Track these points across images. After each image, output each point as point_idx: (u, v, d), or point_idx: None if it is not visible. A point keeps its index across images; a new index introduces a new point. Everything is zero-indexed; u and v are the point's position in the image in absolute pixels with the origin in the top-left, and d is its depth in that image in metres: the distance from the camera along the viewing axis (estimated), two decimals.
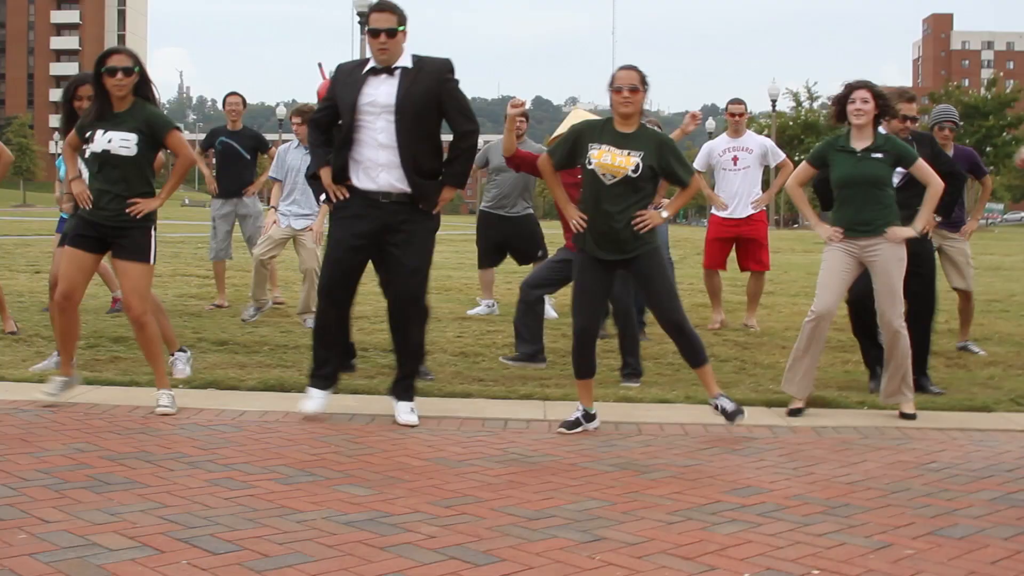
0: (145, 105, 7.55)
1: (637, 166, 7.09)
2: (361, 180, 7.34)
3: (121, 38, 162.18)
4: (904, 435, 7.25)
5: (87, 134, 7.46)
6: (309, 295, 11.14)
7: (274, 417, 7.25)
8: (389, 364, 9.08)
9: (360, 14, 36.40)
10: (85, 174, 7.73)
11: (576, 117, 7.94)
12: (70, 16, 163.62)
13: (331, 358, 7.58)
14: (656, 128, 7.75)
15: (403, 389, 7.48)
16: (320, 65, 9.54)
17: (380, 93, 7.27)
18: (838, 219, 7.93)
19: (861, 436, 7.20)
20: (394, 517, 5.11)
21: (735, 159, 11.58)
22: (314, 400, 7.38)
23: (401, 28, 7.31)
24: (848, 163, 7.81)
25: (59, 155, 9.50)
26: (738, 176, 11.88)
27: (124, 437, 6.59)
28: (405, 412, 7.32)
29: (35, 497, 5.28)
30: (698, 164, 12.07)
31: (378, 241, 7.38)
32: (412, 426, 7.17)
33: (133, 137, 7.39)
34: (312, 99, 10.21)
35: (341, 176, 7.37)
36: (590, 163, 7.15)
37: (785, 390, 7.98)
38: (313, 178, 7.66)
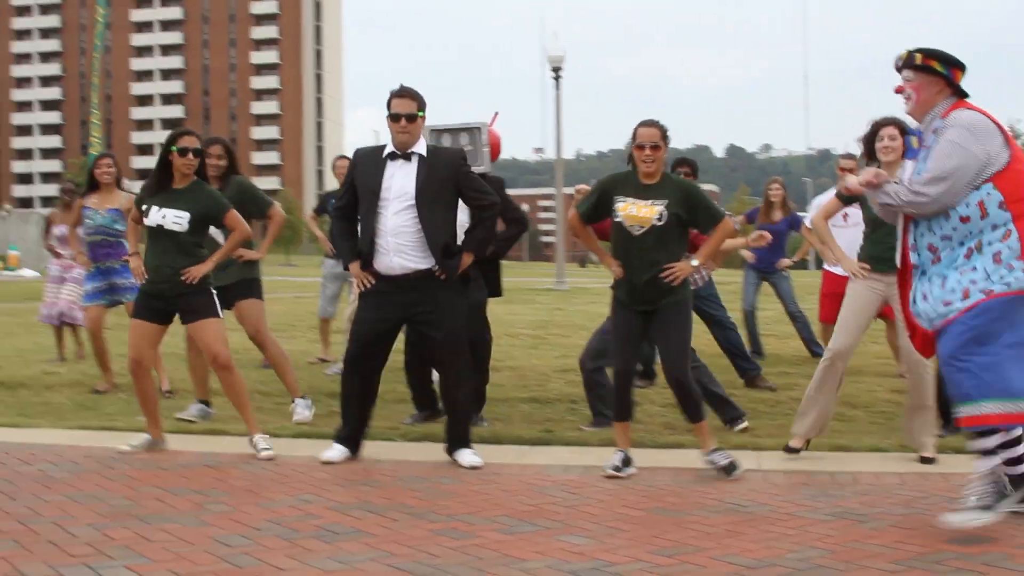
0: (204, 186, 8.07)
1: (661, 215, 7.18)
2: (382, 263, 7.61)
3: (319, 101, 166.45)
4: None
5: (143, 208, 7.95)
6: None
7: (491, 470, 7.37)
8: (578, 415, 9.17)
9: (554, 68, 36.69)
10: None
11: None
12: (269, 82, 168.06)
13: (356, 424, 7.87)
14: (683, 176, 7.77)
15: (457, 437, 7.75)
16: (496, 114, 9.73)
17: (398, 179, 7.59)
18: (866, 255, 7.89)
19: None
20: (617, 566, 5.17)
21: (845, 216, 11.39)
22: (334, 451, 7.76)
23: (420, 114, 7.65)
24: None
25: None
26: (848, 232, 11.67)
27: (347, 488, 6.78)
28: (467, 456, 7.62)
29: (268, 546, 5.48)
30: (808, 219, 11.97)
31: (405, 317, 7.77)
32: (477, 467, 7.47)
33: (186, 215, 7.85)
34: (505, 155, 10.43)
35: (367, 260, 7.66)
36: (616, 215, 7.27)
37: (793, 429, 7.84)
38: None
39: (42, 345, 15.56)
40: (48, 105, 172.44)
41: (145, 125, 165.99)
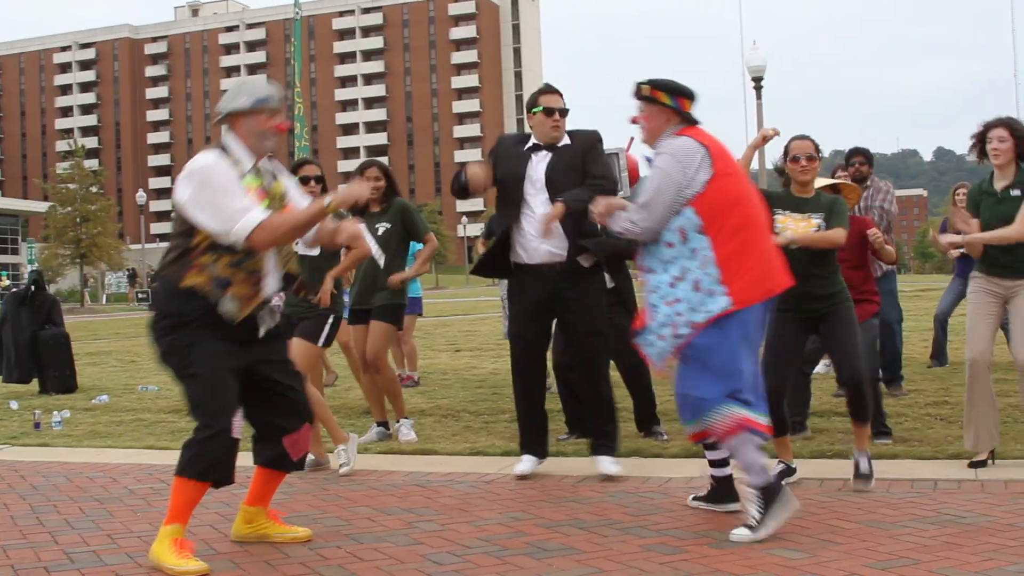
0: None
1: (819, 227, 7.11)
2: (527, 251, 7.63)
3: (520, 123, 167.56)
4: None
5: None
6: None
7: (700, 484, 7.30)
8: (813, 427, 9.02)
9: (755, 79, 36.33)
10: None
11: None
12: (471, 105, 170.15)
13: (533, 429, 7.91)
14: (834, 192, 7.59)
15: (600, 445, 7.73)
16: (632, 139, 9.56)
17: (540, 170, 7.63)
18: (984, 258, 7.63)
19: None
20: None
21: None
22: (524, 464, 7.83)
23: (567, 109, 7.75)
24: (988, 204, 7.57)
25: (467, 237, 10.13)
26: None
27: (556, 505, 6.78)
28: (606, 464, 7.61)
29: (478, 564, 5.51)
30: None
31: (550, 308, 7.70)
32: (613, 477, 7.49)
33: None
34: None
35: (509, 249, 7.72)
36: (776, 229, 7.13)
37: (967, 447, 7.58)
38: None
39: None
40: None
41: (351, 153, 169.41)
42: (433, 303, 49.89)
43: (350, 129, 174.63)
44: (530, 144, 7.76)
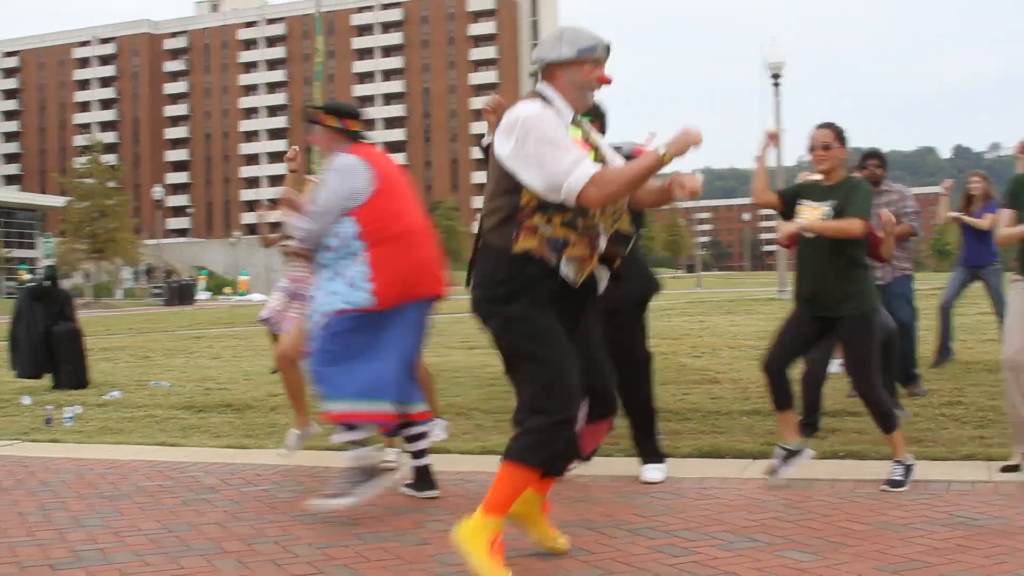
0: None
1: (825, 216, 7.11)
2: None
3: None
4: None
5: None
6: None
7: (711, 484, 7.27)
8: (826, 427, 8.98)
9: (774, 75, 36.26)
10: None
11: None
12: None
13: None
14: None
15: (645, 451, 7.62)
16: (652, 134, 9.46)
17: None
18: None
19: None
20: None
21: None
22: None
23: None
24: None
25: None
26: None
27: (567, 505, 6.73)
28: (649, 471, 7.50)
29: None
30: None
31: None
32: (655, 483, 7.37)
33: None
34: (725, 164, 10.28)
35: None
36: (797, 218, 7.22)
37: (1016, 449, 7.42)
38: None
39: (269, 367, 15.97)
40: (275, 134, 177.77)
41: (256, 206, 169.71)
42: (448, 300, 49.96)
43: (368, 125, 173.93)
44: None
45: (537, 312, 5.16)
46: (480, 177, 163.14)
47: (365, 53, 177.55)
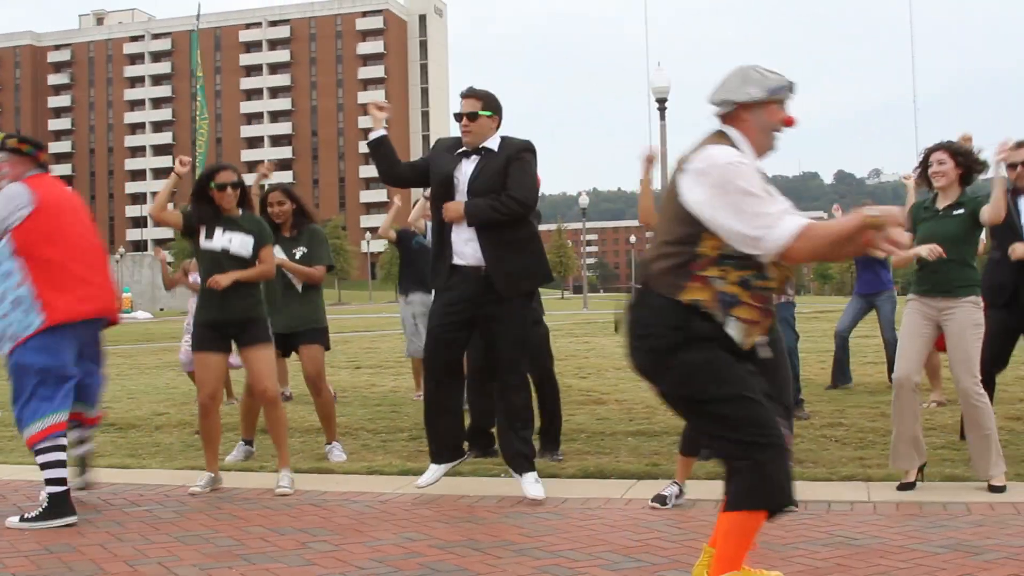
0: (254, 215, 8.28)
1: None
2: (456, 255, 7.65)
3: (425, 138, 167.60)
4: None
5: (203, 228, 8.07)
6: None
7: (596, 504, 7.31)
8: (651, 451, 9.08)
9: (659, 100, 36.52)
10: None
11: None
12: None
13: (443, 439, 7.88)
14: None
15: (521, 453, 7.66)
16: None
17: (462, 172, 7.66)
18: (919, 279, 7.78)
19: None
20: None
21: None
22: (428, 473, 7.81)
23: (487, 113, 7.66)
24: (927, 223, 7.72)
25: (371, 253, 10.11)
26: None
27: (451, 526, 6.75)
28: (530, 484, 7.55)
29: None
30: None
31: (474, 314, 7.65)
32: (539, 500, 7.39)
33: (251, 240, 8.06)
34: (612, 186, 10.35)
35: (444, 252, 7.71)
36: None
37: (893, 466, 7.69)
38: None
39: (153, 386, 15.82)
40: (160, 150, 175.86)
41: (255, 167, 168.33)
42: (335, 319, 49.71)
43: (255, 142, 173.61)
44: (461, 149, 7.75)
45: (714, 355, 4.75)
46: (369, 196, 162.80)
47: (253, 70, 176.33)
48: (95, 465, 8.10)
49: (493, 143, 7.67)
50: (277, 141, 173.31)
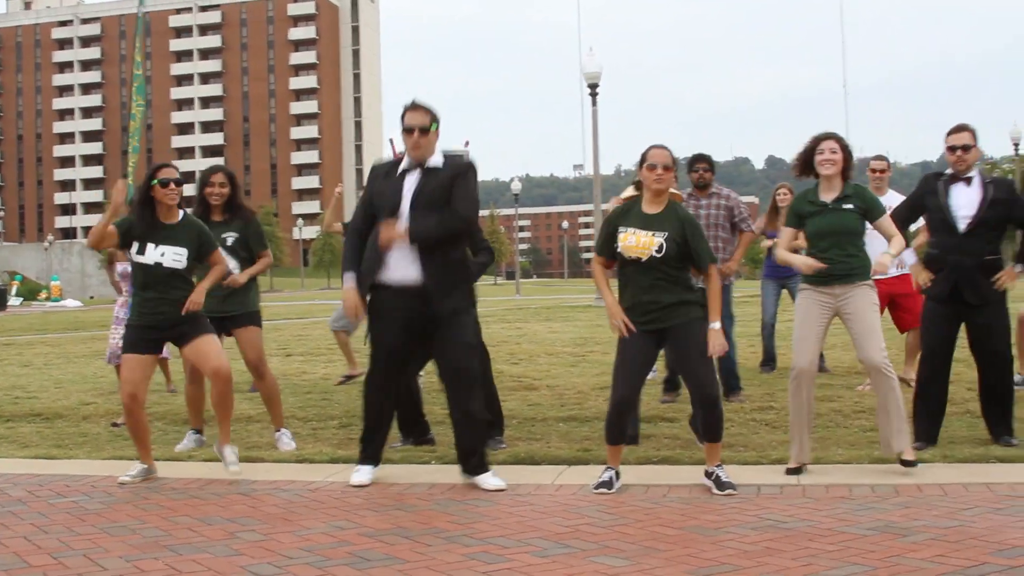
0: (193, 220, 8.19)
1: (661, 246, 7.21)
2: (395, 274, 7.53)
3: (357, 124, 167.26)
4: None
5: (136, 244, 7.96)
6: None
7: (526, 490, 7.29)
8: (642, 433, 9.10)
9: (591, 85, 36.58)
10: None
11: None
12: (308, 107, 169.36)
13: (379, 443, 7.86)
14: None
15: (477, 458, 7.63)
16: (391, 141, 9.59)
17: (408, 191, 7.53)
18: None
19: None
20: None
21: None
22: (361, 473, 7.68)
23: (434, 127, 7.55)
24: (820, 215, 7.74)
25: (303, 240, 10.10)
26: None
27: (381, 513, 6.71)
28: (488, 479, 7.51)
29: (298, 574, 5.41)
30: None
31: (419, 330, 7.60)
32: (501, 490, 7.35)
33: (184, 252, 7.96)
34: (545, 172, 10.37)
35: (377, 270, 7.58)
36: (618, 245, 7.30)
37: (792, 458, 7.74)
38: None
39: (81, 375, 15.65)
40: (89, 136, 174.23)
41: (186, 153, 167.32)
42: (267, 307, 49.41)
43: (185, 128, 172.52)
44: (403, 166, 7.63)
45: None
46: (301, 183, 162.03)
47: (183, 55, 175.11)
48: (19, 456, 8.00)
49: (436, 160, 7.58)
50: (208, 127, 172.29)
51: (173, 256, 7.90)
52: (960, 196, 8.41)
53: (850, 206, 7.71)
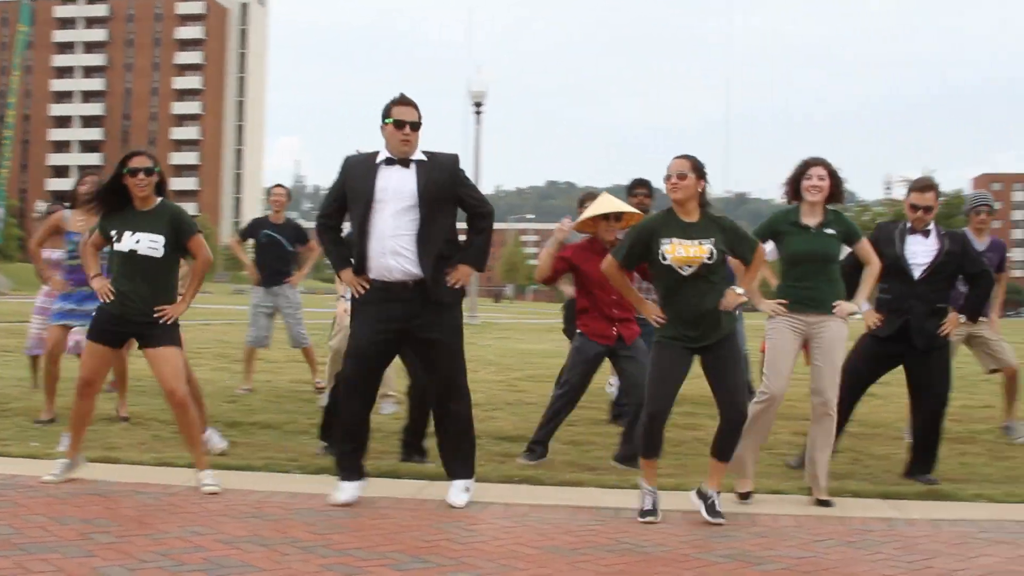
0: (169, 205, 7.92)
1: (712, 253, 7.16)
2: (378, 268, 7.39)
3: (239, 128, 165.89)
4: None
5: (113, 233, 7.76)
6: None
7: (386, 503, 7.28)
8: (502, 452, 9.15)
9: (476, 103, 36.66)
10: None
11: (602, 200, 8.25)
12: (191, 108, 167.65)
13: (359, 452, 7.64)
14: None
15: (461, 461, 7.60)
16: (358, 152, 9.56)
17: (394, 181, 7.39)
18: (787, 294, 7.86)
19: (979, 530, 7.04)
20: None
21: None
22: (345, 491, 7.41)
23: (421, 123, 7.50)
24: (802, 239, 7.82)
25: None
26: None
27: (239, 521, 6.65)
28: (458, 491, 7.43)
29: None
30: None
31: (404, 328, 7.45)
32: (458, 507, 7.27)
33: (161, 239, 7.70)
34: None
35: (361, 267, 7.45)
36: (665, 258, 7.19)
37: (740, 477, 7.80)
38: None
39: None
40: None
41: (63, 147, 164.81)
42: None
43: (64, 121, 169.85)
44: (382, 158, 7.48)
45: None
46: (180, 184, 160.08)
47: (66, 47, 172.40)
48: None
49: (419, 155, 7.47)
50: (88, 122, 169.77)
51: (149, 244, 7.66)
52: (916, 245, 8.61)
53: (832, 231, 7.83)
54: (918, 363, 8.68)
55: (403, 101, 7.51)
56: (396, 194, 7.35)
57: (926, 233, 8.62)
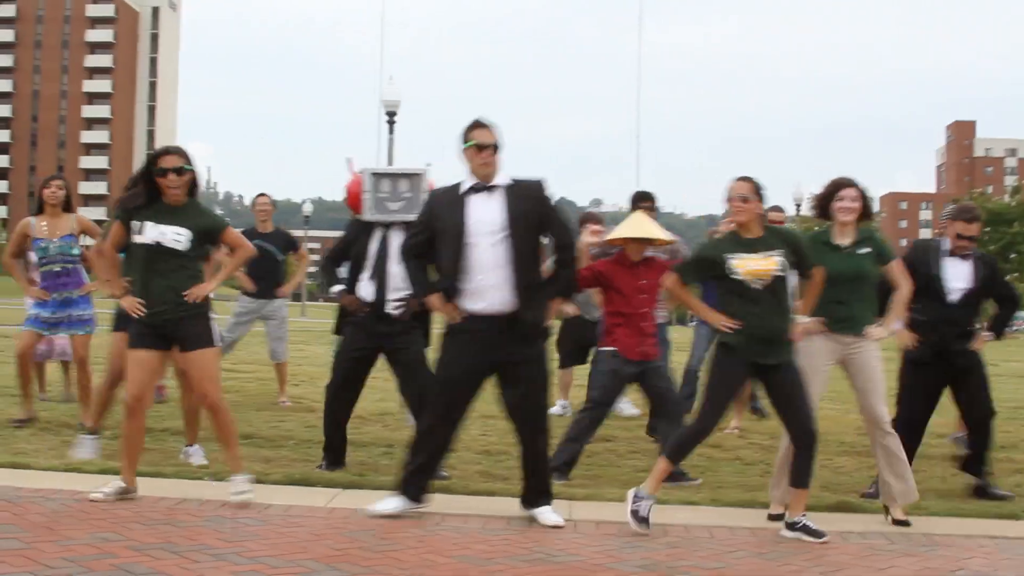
0: (198, 204, 7.72)
1: (783, 264, 7.24)
2: (478, 302, 7.30)
3: (150, 133, 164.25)
4: (932, 542, 7.19)
5: (135, 223, 7.51)
6: None
7: (299, 512, 7.24)
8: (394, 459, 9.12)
9: (389, 113, 36.56)
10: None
11: (639, 221, 8.31)
12: (101, 111, 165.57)
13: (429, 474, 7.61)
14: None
15: (540, 491, 7.52)
16: (349, 160, 9.49)
17: (483, 212, 7.29)
18: (821, 314, 7.79)
19: (888, 542, 7.14)
20: None
21: None
22: (390, 503, 7.36)
23: (499, 146, 7.40)
24: (836, 258, 7.79)
25: (83, 247, 10.03)
26: None
27: (149, 528, 6.58)
28: (551, 511, 7.37)
29: None
30: None
31: (496, 360, 7.37)
32: (559, 527, 7.20)
33: (186, 232, 7.48)
34: (338, 196, 10.38)
35: (451, 297, 7.35)
36: (735, 273, 7.21)
37: (778, 496, 7.78)
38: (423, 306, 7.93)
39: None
40: None
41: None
42: None
43: None
44: (467, 187, 7.37)
45: None
46: (88, 188, 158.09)
47: None
48: None
49: (503, 178, 7.38)
50: None
51: (174, 236, 7.44)
52: (955, 268, 8.66)
53: (867, 250, 7.83)
54: (964, 381, 8.75)
55: (481, 125, 7.42)
56: (487, 226, 7.26)
57: (965, 257, 8.70)
